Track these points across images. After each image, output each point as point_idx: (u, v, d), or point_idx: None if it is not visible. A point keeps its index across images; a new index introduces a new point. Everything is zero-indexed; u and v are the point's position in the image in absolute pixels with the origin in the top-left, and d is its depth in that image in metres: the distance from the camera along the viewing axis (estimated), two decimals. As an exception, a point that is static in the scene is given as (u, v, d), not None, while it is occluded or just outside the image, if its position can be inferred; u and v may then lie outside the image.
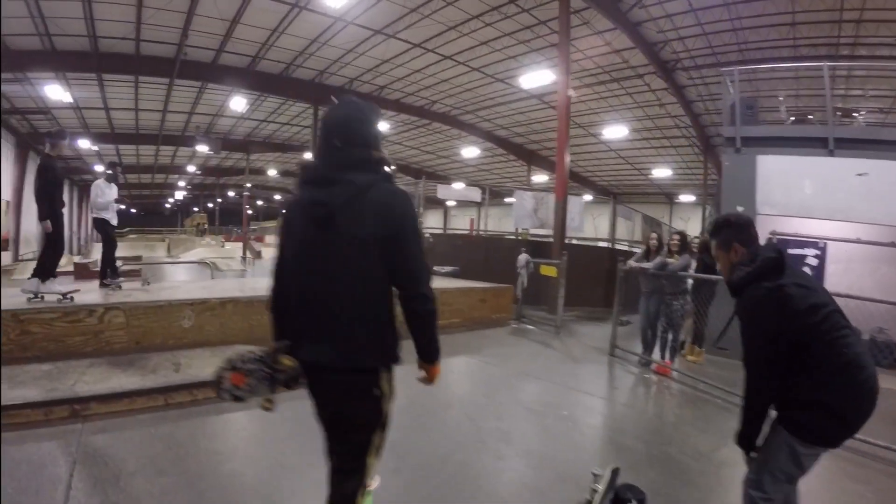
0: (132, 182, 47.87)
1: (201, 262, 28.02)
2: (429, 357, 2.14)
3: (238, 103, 22.36)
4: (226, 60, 19.37)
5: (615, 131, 23.98)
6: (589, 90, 20.53)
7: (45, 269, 6.23)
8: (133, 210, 68.95)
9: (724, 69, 11.35)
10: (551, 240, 13.14)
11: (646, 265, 7.42)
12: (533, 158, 31.56)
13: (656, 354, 7.47)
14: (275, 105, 25.34)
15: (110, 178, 7.95)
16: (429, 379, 2.19)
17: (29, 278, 6.21)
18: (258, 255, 36.25)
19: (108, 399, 4.47)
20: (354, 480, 2.02)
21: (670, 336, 7.22)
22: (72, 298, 5.97)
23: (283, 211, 2.15)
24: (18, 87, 20.19)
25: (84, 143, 27.50)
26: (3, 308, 5.12)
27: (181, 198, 57.78)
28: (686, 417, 5.39)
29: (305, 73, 21.23)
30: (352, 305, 1.92)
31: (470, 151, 31.14)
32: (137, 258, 31.14)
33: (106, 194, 7.70)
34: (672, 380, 6.79)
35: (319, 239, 1.93)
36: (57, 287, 6.15)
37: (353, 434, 2.02)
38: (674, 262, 7.10)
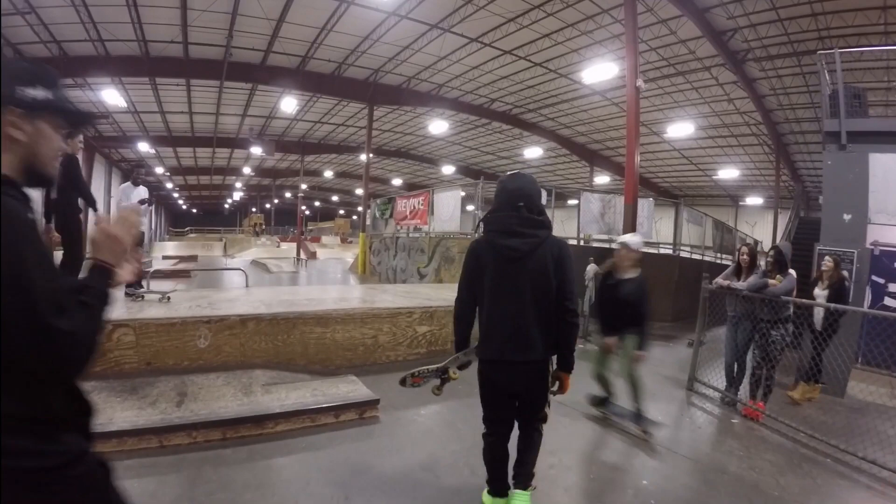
0: (191, 183, 49.10)
1: (254, 263, 27.77)
2: (567, 366, 2.99)
3: (289, 104, 22.14)
4: (274, 61, 19.43)
5: (679, 129, 22.29)
6: (652, 84, 19.05)
7: None
8: (194, 210, 70.77)
9: (822, 51, 9.83)
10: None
11: (737, 285, 6.10)
12: (595, 159, 30.44)
13: (743, 392, 6.27)
14: (328, 106, 25.21)
15: (136, 181, 7.57)
16: (563, 388, 3.05)
17: None
18: (313, 255, 36.17)
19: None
20: (539, 420, 3.13)
21: (764, 372, 5.86)
22: None
23: (474, 249, 3.00)
24: (80, 92, 21.00)
25: (143, 147, 28.45)
26: None
27: (238, 198, 58.40)
28: (792, 489, 4.15)
29: (359, 73, 20.99)
30: (535, 318, 2.84)
31: (532, 152, 29.99)
32: (193, 257, 31.57)
33: (131, 198, 7.42)
34: (764, 426, 5.54)
35: (511, 272, 2.85)
36: None
37: (538, 397, 3.02)
38: (776, 282, 5.79)
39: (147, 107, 23.89)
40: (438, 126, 25.37)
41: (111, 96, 19.82)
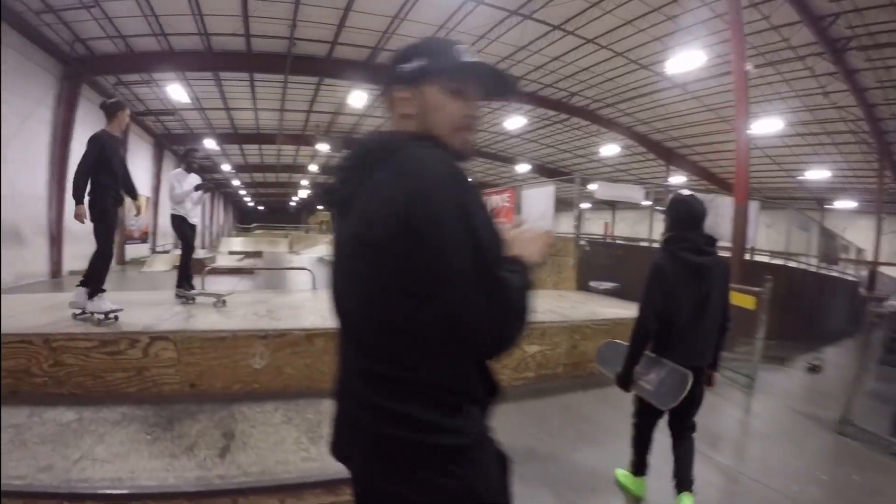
0: (258, 181, 49.86)
1: (321, 261, 27.22)
2: (717, 365, 3.34)
3: (358, 99, 20.99)
4: (342, 53, 18.49)
5: (764, 125, 20.10)
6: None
7: (94, 278, 4.99)
8: (260, 207, 72.05)
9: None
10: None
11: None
12: (671, 157, 28.33)
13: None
14: None
15: (188, 168, 6.67)
16: (713, 383, 3.36)
17: (77, 286, 5.02)
18: (379, 251, 35.36)
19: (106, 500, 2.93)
20: (694, 423, 3.36)
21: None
22: (116, 318, 4.89)
23: (662, 266, 3.14)
24: (147, 88, 21.05)
25: (210, 144, 28.44)
26: (36, 332, 4.33)
27: (305, 196, 58.64)
28: None
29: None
30: (712, 326, 3.20)
31: (608, 149, 28.17)
32: (258, 254, 31.49)
33: (183, 185, 6.49)
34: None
35: (701, 287, 3.11)
36: (106, 304, 4.91)
37: (700, 397, 3.27)
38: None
39: (212, 103, 23.64)
40: (516, 122, 24.02)
41: (176, 92, 19.47)
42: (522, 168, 34.45)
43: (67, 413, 3.89)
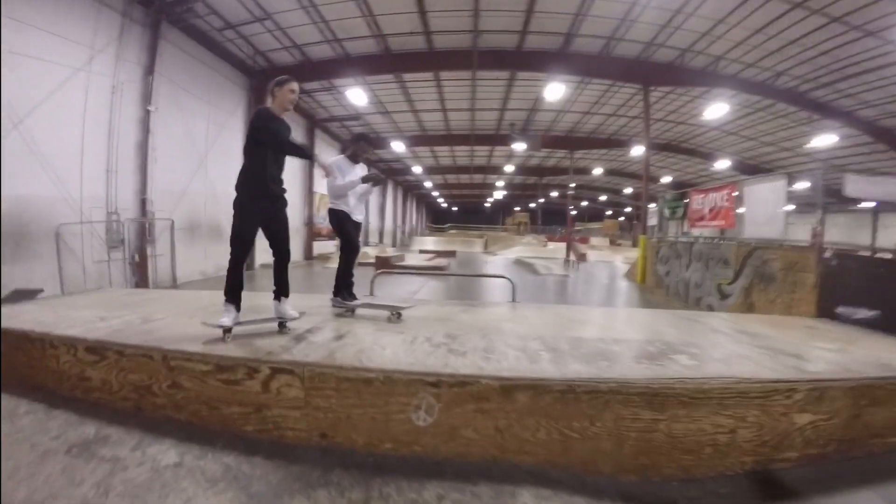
0: (451, 182, 50.99)
1: (517, 262, 26.12)
2: None
3: (554, 92, 19.57)
4: (532, 43, 17.25)
5: None
6: None
7: (281, 286, 4.50)
8: (454, 208, 73.93)
9: None
10: None
11: None
12: None
13: None
14: (597, 93, 22.25)
15: (354, 157, 5.57)
16: None
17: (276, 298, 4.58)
18: (582, 257, 33.72)
19: None
20: None
21: None
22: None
23: None
24: (328, 96, 22.08)
25: (398, 146, 29.12)
26: (156, 345, 3.78)
27: (500, 197, 59.62)
28: None
29: (629, 49, 17.59)
30: None
31: (822, 140, 22.95)
32: (451, 253, 31.35)
33: (344, 176, 5.35)
34: None
35: None
36: (287, 310, 4.43)
37: None
38: None
39: (397, 106, 23.94)
40: (716, 110, 20.89)
41: (356, 96, 19.94)
42: (721, 164, 30.68)
43: (170, 453, 3.25)
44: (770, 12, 14.39)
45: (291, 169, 21.34)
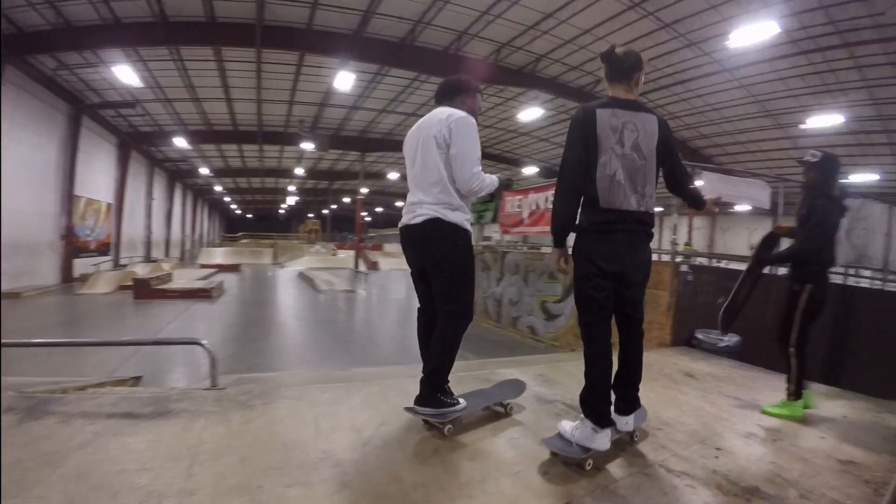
0: (242, 186, 46.51)
1: (301, 277, 23.53)
2: None
3: (345, 81, 17.19)
4: (325, 20, 14.76)
5: (822, 120, 18.09)
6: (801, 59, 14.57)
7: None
8: (248, 215, 68.77)
9: None
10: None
11: None
12: (695, 159, 25.30)
13: None
14: (397, 88, 20.30)
15: None
16: None
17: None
18: (374, 265, 32.06)
19: None
20: None
21: None
22: None
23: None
24: (95, 73, 17.46)
25: (181, 143, 24.87)
26: None
27: (294, 203, 55.65)
28: None
29: (437, 37, 15.95)
30: None
31: None
32: (236, 267, 28.14)
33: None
34: None
35: None
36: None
37: None
38: None
39: (178, 92, 19.91)
40: (531, 113, 20.52)
41: (124, 73, 15.76)
42: (529, 171, 30.65)
43: None
44: (603, 12, 13.79)
45: (42, 166, 16.00)
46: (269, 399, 3.27)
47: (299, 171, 35.36)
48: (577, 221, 2.67)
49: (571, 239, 2.75)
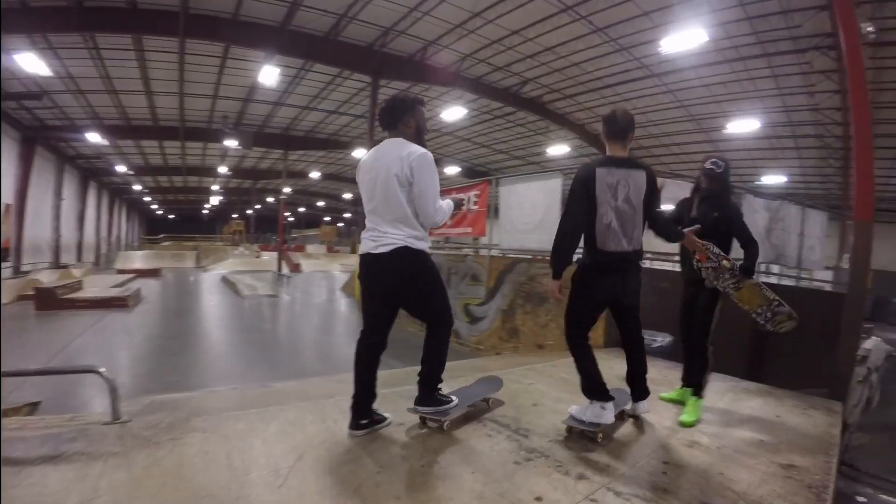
0: (164, 185, 44.43)
1: (224, 281, 22.80)
2: None
3: (270, 76, 16.78)
4: (251, 11, 14.42)
5: (742, 125, 19.24)
6: (724, 67, 15.76)
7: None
8: (170, 216, 65.72)
9: None
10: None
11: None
12: None
13: None
14: (319, 84, 20.07)
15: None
16: None
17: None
18: (296, 267, 31.46)
19: None
20: None
21: None
22: None
23: None
24: None
25: (95, 138, 23.18)
26: None
27: (218, 203, 53.42)
28: None
29: (362, 33, 15.92)
30: None
31: (557, 149, 25.01)
32: (156, 272, 26.88)
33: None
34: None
35: None
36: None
37: None
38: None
39: (92, 83, 18.77)
40: (454, 113, 20.57)
41: (29, 62, 14.56)
42: (451, 170, 30.91)
43: None
44: (534, 12, 13.99)
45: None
46: (177, 433, 3.00)
47: (223, 169, 34.14)
48: (580, 256, 3.34)
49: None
